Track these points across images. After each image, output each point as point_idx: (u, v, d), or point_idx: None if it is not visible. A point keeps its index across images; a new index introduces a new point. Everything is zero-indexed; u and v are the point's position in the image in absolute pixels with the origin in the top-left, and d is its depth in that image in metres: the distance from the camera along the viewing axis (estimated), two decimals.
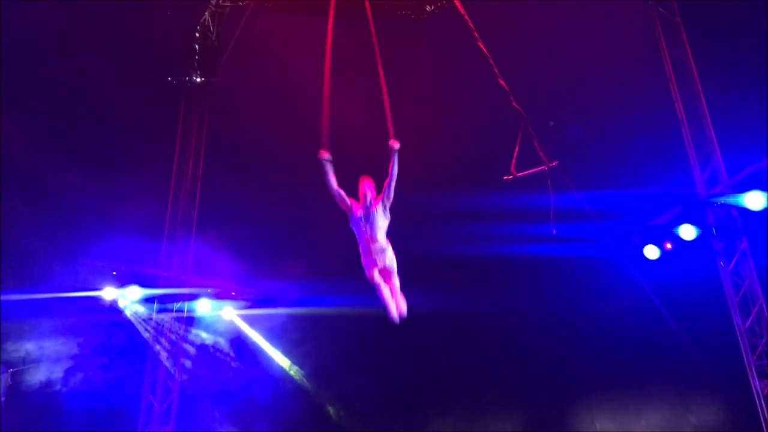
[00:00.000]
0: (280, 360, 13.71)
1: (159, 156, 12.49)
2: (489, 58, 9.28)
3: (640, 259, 11.82)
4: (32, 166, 11.68)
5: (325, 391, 13.80)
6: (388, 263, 6.22)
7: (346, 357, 13.42)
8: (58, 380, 12.00)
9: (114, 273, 11.94)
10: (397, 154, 6.00)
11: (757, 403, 9.42)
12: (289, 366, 13.73)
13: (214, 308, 12.90)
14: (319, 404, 13.79)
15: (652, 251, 11.62)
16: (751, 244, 9.83)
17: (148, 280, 11.90)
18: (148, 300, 12.03)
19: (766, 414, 9.28)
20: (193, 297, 12.32)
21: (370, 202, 6.16)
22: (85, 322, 12.07)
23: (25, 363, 11.72)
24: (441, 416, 13.63)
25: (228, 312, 13.24)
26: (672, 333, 12.14)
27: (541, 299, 12.69)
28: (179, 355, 12.12)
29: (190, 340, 12.85)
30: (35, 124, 11.76)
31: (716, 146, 10.11)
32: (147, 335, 12.07)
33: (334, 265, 11.24)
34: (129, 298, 11.92)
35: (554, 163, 9.42)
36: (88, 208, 12.00)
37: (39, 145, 11.58)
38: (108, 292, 11.79)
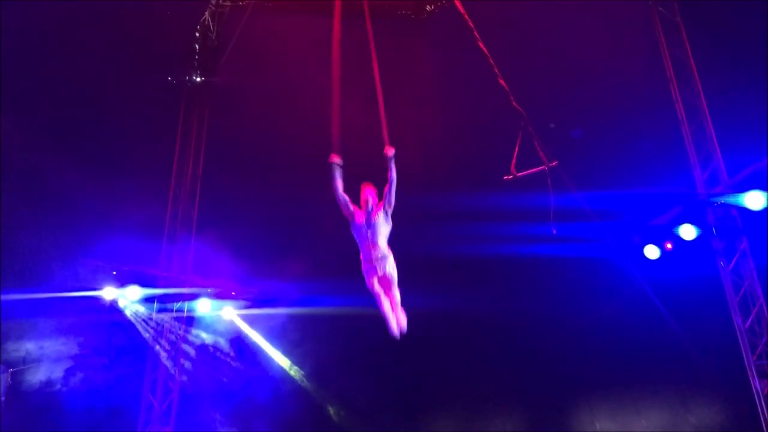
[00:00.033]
0: (280, 360, 13.69)
1: (159, 156, 12.49)
2: (489, 57, 9.28)
3: (641, 259, 11.82)
4: (32, 166, 11.67)
5: (325, 391, 13.78)
6: (389, 271, 6.20)
7: (346, 357, 13.40)
8: (58, 380, 12.00)
9: (114, 273, 11.95)
10: (394, 160, 6.02)
11: (757, 402, 9.42)
12: (289, 366, 13.72)
13: (214, 308, 12.90)
14: (319, 404, 13.77)
15: (652, 251, 11.63)
16: (751, 243, 9.83)
17: (148, 280, 11.91)
18: (148, 300, 12.04)
19: (766, 414, 9.28)
20: (193, 297, 12.33)
21: (372, 208, 6.19)
22: (85, 322, 12.07)
23: (25, 363, 11.72)
24: (441, 416, 13.61)
25: (228, 312, 13.24)
26: (672, 333, 12.13)
27: (541, 299, 12.68)
28: (179, 355, 12.12)
29: (190, 340, 12.85)
30: (35, 124, 11.75)
31: (716, 146, 10.12)
32: (147, 335, 12.07)
33: (334, 265, 11.23)
34: (129, 298, 11.95)
35: (554, 163, 9.42)
36: (88, 208, 12.00)
37: (39, 145, 11.57)
38: (108, 292, 11.80)
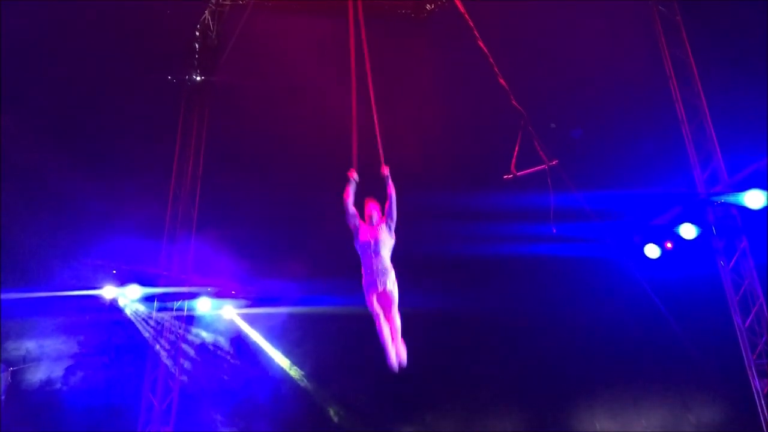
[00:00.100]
0: (280, 359, 13.69)
1: (159, 155, 12.50)
2: (489, 57, 9.27)
3: (641, 258, 11.82)
4: (32, 166, 11.67)
5: (325, 390, 13.78)
6: (389, 288, 6.24)
7: (347, 357, 13.38)
8: (58, 379, 12.01)
9: (114, 272, 11.95)
10: (390, 177, 6.25)
11: (757, 402, 9.41)
12: (289, 365, 13.71)
13: (214, 307, 12.91)
14: (319, 404, 13.77)
15: (652, 250, 11.63)
16: (751, 243, 9.82)
17: (148, 279, 11.92)
18: (148, 299, 12.05)
19: (766, 413, 9.28)
20: (193, 296, 12.34)
21: (376, 222, 6.38)
22: (86, 321, 12.07)
23: (25, 361, 11.72)
24: (441, 416, 13.61)
25: (228, 311, 13.25)
26: (672, 332, 12.12)
27: (542, 299, 12.68)
28: (179, 354, 12.12)
29: (190, 339, 12.85)
30: (35, 123, 11.75)
31: (716, 145, 10.11)
32: (147, 334, 12.07)
33: (335, 264, 11.20)
34: (129, 297, 11.95)
35: (554, 162, 9.41)
36: (88, 207, 12.00)
37: (39, 144, 11.57)
38: (108, 291, 11.80)
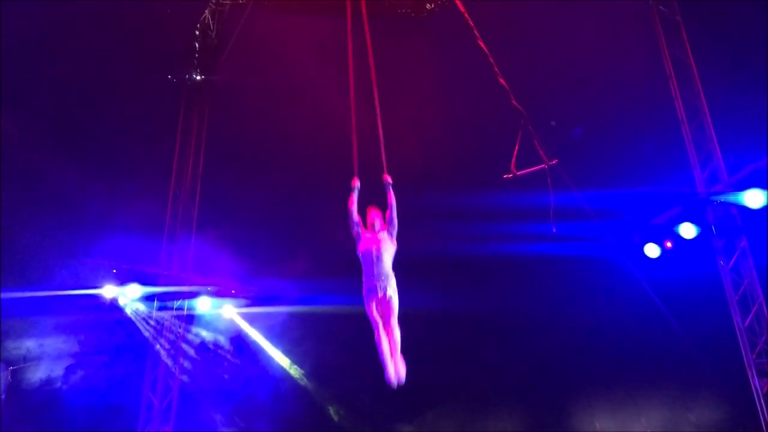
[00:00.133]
0: (280, 359, 13.70)
1: (159, 154, 12.49)
2: (489, 56, 9.28)
3: (641, 257, 11.83)
4: (32, 166, 11.67)
5: (325, 390, 13.78)
6: (389, 294, 6.29)
7: (347, 356, 13.39)
8: (58, 378, 12.01)
9: (114, 271, 11.96)
10: (392, 186, 6.39)
11: (757, 401, 9.41)
12: (289, 365, 13.72)
13: (214, 306, 12.91)
14: (319, 403, 13.77)
15: (652, 250, 11.64)
16: (750, 242, 9.82)
17: (148, 278, 11.93)
18: (148, 298, 12.05)
19: (766, 412, 9.28)
20: (193, 295, 12.34)
21: (378, 228, 6.49)
22: (86, 320, 12.07)
23: (25, 361, 11.73)
24: (441, 416, 13.62)
25: (228, 310, 13.25)
26: (672, 331, 12.13)
27: (542, 298, 12.69)
28: (179, 353, 12.12)
29: (190, 338, 12.86)
30: (35, 123, 11.76)
31: (716, 145, 10.11)
32: (147, 333, 12.08)
33: (335, 263, 11.21)
34: (129, 296, 11.96)
35: (554, 162, 9.42)
36: (88, 207, 12.02)
37: (39, 144, 11.57)
38: (108, 290, 11.81)
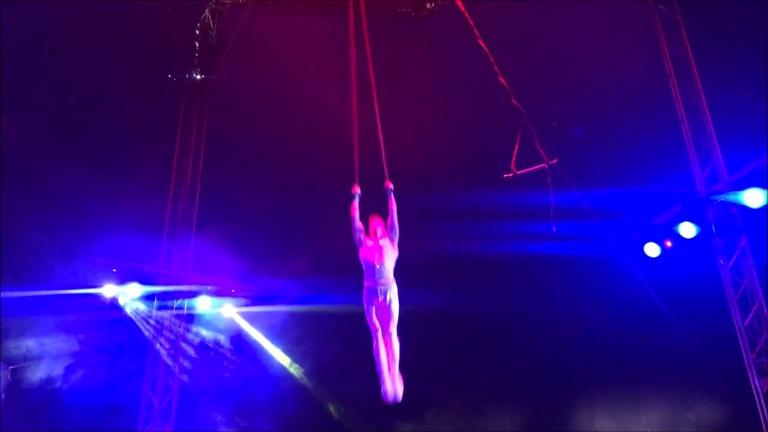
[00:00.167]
0: (281, 358, 13.70)
1: (159, 154, 12.49)
2: (489, 55, 9.28)
3: (641, 257, 11.83)
4: (32, 166, 11.67)
5: (325, 389, 13.78)
6: (390, 298, 6.37)
7: (347, 355, 13.38)
8: (58, 377, 12.00)
9: (114, 270, 11.97)
10: (393, 193, 6.47)
11: (757, 401, 9.41)
12: (289, 364, 13.72)
13: (214, 306, 12.91)
14: (320, 402, 13.77)
15: (652, 249, 11.65)
16: (750, 241, 9.82)
17: (148, 278, 11.93)
18: (148, 297, 12.04)
19: (766, 412, 9.28)
20: (193, 294, 12.33)
21: (380, 235, 6.56)
22: (86, 320, 12.06)
23: (25, 360, 11.72)
24: (441, 415, 13.61)
25: (228, 309, 13.25)
26: (672, 331, 12.13)
27: (542, 297, 12.68)
28: (179, 352, 12.12)
29: (190, 337, 12.85)
30: (35, 123, 11.76)
31: (716, 144, 10.10)
32: (147, 333, 12.08)
33: (335, 262, 11.23)
34: (129, 296, 11.96)
35: (554, 161, 9.43)
36: (88, 206, 12.02)
37: (39, 144, 11.58)
38: (108, 290, 11.82)
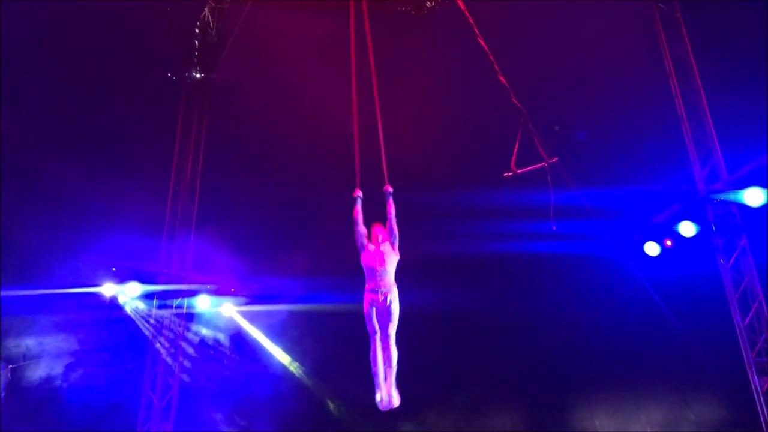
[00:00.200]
0: (281, 357, 13.70)
1: (159, 152, 12.50)
2: (489, 54, 9.28)
3: (641, 256, 11.83)
4: (32, 166, 11.67)
5: (325, 388, 13.79)
6: (390, 300, 6.42)
7: (347, 354, 13.37)
8: (58, 376, 12.00)
9: (114, 269, 11.97)
10: (392, 197, 6.52)
11: (757, 400, 9.41)
12: (289, 363, 13.72)
13: (214, 304, 12.91)
14: (320, 401, 13.77)
15: (652, 248, 11.64)
16: (750, 240, 9.81)
17: (147, 277, 11.94)
18: (147, 296, 12.06)
19: (766, 411, 9.29)
20: (192, 293, 12.34)
21: (382, 240, 6.60)
22: (85, 319, 12.07)
23: (25, 359, 11.72)
24: (441, 414, 13.61)
25: (227, 308, 13.25)
26: (672, 330, 12.13)
27: (542, 297, 12.67)
28: (179, 351, 12.13)
29: (190, 336, 12.86)
30: (35, 123, 11.75)
31: (716, 143, 10.09)
32: (147, 332, 12.09)
33: (335, 261, 11.22)
34: (129, 295, 11.97)
35: (554, 160, 9.43)
36: (87, 205, 12.00)
37: (39, 144, 11.57)
38: (108, 289, 11.82)
